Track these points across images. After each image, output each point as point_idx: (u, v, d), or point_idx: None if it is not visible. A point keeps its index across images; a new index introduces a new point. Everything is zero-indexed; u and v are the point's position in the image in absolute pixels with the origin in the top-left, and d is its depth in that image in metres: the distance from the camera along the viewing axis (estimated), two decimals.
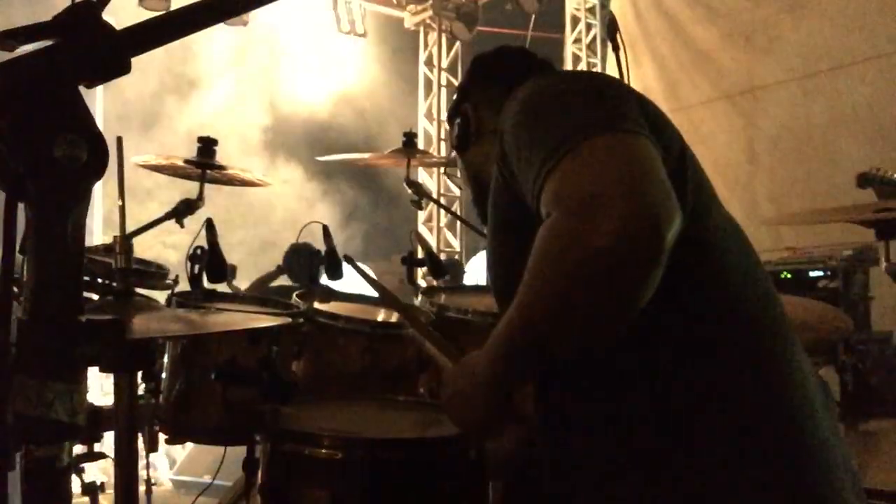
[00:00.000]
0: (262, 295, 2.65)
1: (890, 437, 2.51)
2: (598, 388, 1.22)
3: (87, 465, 2.09)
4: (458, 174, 1.77)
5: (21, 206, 0.70)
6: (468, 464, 1.62)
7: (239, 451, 2.02)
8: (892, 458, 2.30)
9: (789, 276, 4.08)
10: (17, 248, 0.71)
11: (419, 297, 2.47)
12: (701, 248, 1.22)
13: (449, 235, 9.31)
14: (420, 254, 2.69)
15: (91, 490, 2.05)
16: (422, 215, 8.77)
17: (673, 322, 1.18)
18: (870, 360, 3.45)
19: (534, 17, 9.16)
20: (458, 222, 8.67)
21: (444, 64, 9.40)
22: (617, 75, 2.39)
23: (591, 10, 9.64)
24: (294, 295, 2.42)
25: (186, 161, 2.70)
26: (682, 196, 1.12)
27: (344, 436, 1.63)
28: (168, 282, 2.64)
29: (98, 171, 0.71)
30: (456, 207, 8.42)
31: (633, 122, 1.13)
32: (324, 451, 1.57)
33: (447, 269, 2.79)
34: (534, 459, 1.43)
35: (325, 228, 2.55)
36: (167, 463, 5.69)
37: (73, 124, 0.69)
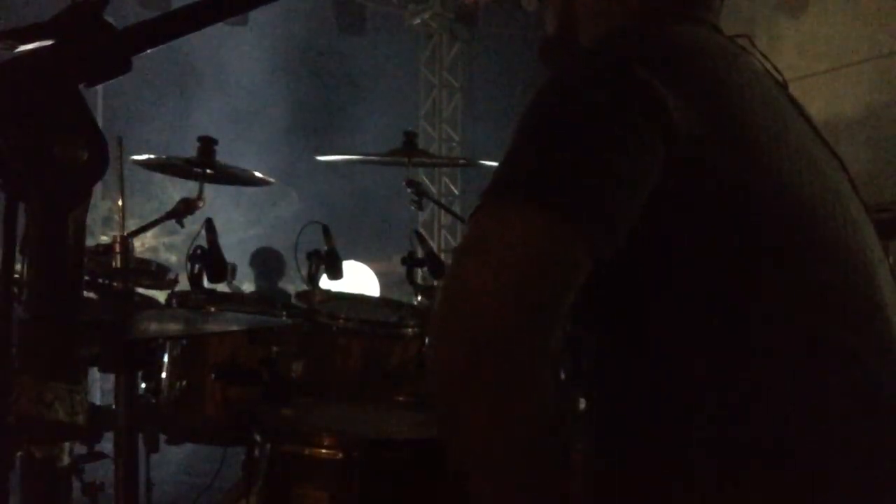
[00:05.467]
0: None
1: None
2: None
3: (86, 465, 2.09)
4: None
5: (21, 205, 0.70)
6: None
7: (239, 451, 2.02)
8: None
9: None
10: (18, 248, 0.71)
11: (419, 297, 2.47)
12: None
13: (449, 235, 9.30)
14: (420, 254, 2.68)
15: (91, 490, 2.05)
16: (422, 215, 8.76)
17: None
18: None
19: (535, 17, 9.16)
20: (459, 222, 8.65)
21: (445, 64, 9.39)
22: None
23: None
24: (294, 295, 2.42)
25: (186, 161, 2.70)
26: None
27: (344, 436, 1.63)
28: (168, 281, 2.64)
29: (98, 172, 0.71)
30: (456, 207, 8.40)
31: (576, 192, 0.90)
32: (324, 451, 1.57)
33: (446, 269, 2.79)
34: None
35: (326, 228, 2.54)
36: (167, 463, 5.69)
37: (73, 124, 0.69)
